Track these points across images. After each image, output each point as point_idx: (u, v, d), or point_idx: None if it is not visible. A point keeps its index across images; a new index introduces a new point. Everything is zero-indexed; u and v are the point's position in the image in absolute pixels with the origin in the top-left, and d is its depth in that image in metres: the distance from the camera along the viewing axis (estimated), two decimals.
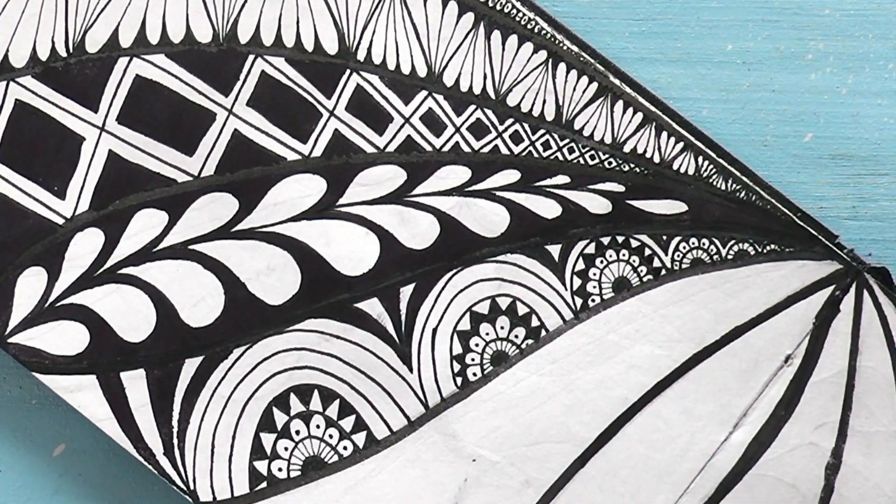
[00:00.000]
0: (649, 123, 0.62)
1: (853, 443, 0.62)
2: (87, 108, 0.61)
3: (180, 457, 0.61)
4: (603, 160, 0.62)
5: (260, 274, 0.61)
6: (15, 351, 0.61)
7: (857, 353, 0.62)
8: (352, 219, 0.62)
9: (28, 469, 0.63)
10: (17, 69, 0.61)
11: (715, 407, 0.61)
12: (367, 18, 0.61)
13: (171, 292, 0.61)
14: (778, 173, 0.63)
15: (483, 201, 0.62)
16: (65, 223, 0.61)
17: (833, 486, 0.62)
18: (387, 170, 0.62)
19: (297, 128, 0.61)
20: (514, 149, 0.62)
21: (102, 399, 0.61)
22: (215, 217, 0.61)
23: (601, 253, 0.62)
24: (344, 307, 0.61)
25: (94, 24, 0.61)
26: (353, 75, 0.61)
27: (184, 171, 0.61)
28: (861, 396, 0.62)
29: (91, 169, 0.61)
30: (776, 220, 0.62)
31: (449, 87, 0.62)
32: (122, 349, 0.61)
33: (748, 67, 0.63)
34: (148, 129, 0.61)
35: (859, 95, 0.63)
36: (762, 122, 0.63)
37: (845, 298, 0.62)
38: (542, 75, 0.61)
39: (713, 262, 0.62)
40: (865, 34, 0.63)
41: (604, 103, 0.62)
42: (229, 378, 0.61)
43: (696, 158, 0.62)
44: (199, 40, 0.61)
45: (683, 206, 0.62)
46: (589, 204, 0.62)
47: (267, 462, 0.61)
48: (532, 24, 0.61)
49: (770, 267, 0.62)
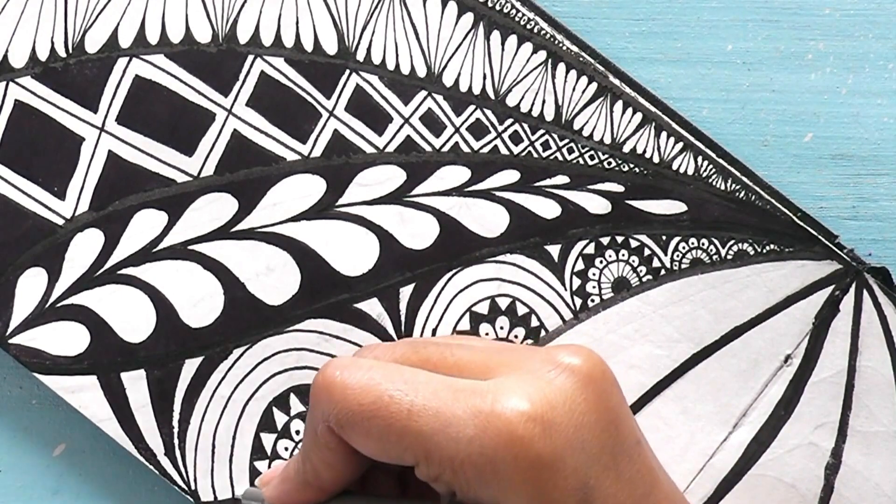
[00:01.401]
0: (649, 123, 0.62)
1: (853, 443, 0.62)
2: (87, 108, 0.61)
3: (181, 457, 0.61)
4: (602, 160, 0.62)
5: (259, 274, 0.61)
6: (16, 351, 0.61)
7: (857, 352, 0.62)
8: (352, 219, 0.62)
9: (28, 469, 0.63)
10: (16, 69, 0.61)
11: (714, 407, 0.61)
12: (366, 18, 0.61)
13: (171, 292, 0.61)
14: (778, 173, 0.63)
15: (483, 201, 0.62)
16: (65, 224, 0.61)
17: (833, 486, 0.62)
18: (386, 170, 0.62)
19: (296, 128, 0.61)
20: (514, 149, 0.62)
21: (103, 399, 0.61)
22: (215, 217, 0.61)
23: (601, 253, 0.62)
24: (344, 307, 0.61)
25: (93, 25, 0.61)
26: (353, 75, 0.61)
27: (183, 171, 0.61)
28: (861, 396, 0.62)
29: (91, 169, 0.61)
30: (776, 220, 0.62)
31: (448, 87, 0.62)
32: (123, 349, 0.61)
33: (748, 67, 0.63)
34: (147, 129, 0.61)
35: (859, 95, 0.63)
36: (762, 122, 0.63)
37: (845, 298, 0.62)
38: (542, 75, 0.61)
39: (713, 262, 0.62)
40: (865, 34, 0.62)
41: (603, 103, 0.62)
42: (229, 378, 0.61)
43: (695, 158, 0.62)
44: (198, 40, 0.61)
45: (683, 207, 0.62)
46: (588, 204, 0.62)
47: (267, 462, 0.61)
48: (532, 24, 0.61)
49: (770, 267, 0.62)
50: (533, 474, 0.49)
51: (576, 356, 0.51)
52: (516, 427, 0.49)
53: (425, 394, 0.51)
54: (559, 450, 0.49)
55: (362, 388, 0.51)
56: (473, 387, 0.51)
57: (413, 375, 0.52)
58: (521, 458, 0.49)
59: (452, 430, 0.50)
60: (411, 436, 0.50)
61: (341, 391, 0.51)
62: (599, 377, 0.51)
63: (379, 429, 0.51)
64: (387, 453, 0.51)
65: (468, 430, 0.49)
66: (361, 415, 0.51)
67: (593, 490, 0.50)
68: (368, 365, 0.52)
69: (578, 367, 0.51)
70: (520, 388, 0.50)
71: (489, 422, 0.49)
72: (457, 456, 0.50)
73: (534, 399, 0.50)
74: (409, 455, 0.51)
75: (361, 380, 0.51)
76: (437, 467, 0.50)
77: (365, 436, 0.51)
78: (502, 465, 0.49)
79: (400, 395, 0.51)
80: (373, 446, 0.51)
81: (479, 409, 0.50)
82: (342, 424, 0.52)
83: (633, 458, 0.51)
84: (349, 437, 0.52)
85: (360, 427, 0.51)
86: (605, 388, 0.51)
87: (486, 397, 0.50)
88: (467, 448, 0.49)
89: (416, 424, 0.50)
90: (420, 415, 0.50)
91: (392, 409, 0.51)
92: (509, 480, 0.49)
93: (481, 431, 0.49)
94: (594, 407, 0.50)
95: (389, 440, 0.51)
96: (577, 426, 0.50)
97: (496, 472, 0.49)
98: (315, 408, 0.53)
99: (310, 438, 0.53)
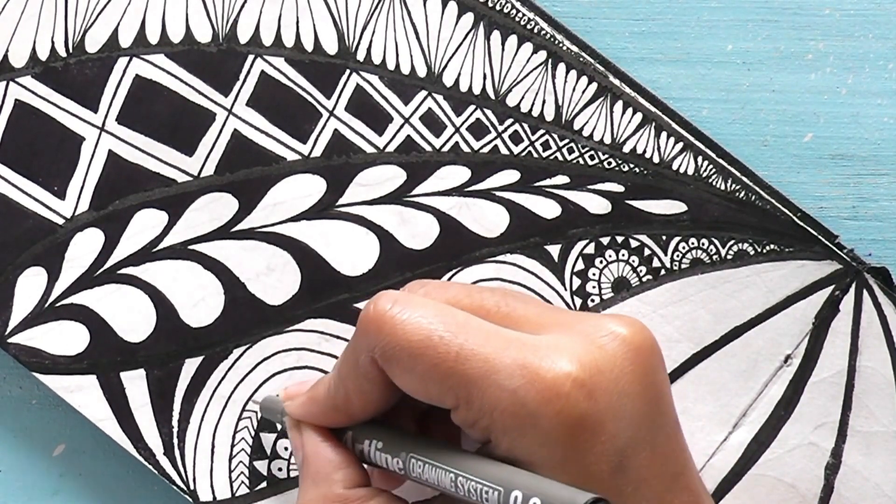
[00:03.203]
0: (649, 123, 0.62)
1: (853, 443, 0.62)
2: (87, 108, 0.61)
3: (180, 457, 0.61)
4: (602, 160, 0.62)
5: (260, 274, 0.61)
6: (15, 351, 0.61)
7: (857, 353, 0.62)
8: (352, 219, 0.62)
9: (28, 469, 0.63)
10: (16, 69, 0.61)
11: (714, 407, 0.61)
12: (366, 18, 0.61)
13: (171, 292, 0.61)
14: (778, 173, 0.63)
15: (483, 201, 0.62)
16: (65, 223, 0.61)
17: (833, 486, 0.62)
18: (386, 170, 0.62)
19: (296, 128, 0.61)
20: (514, 149, 0.62)
21: (102, 399, 0.61)
22: (215, 217, 0.61)
23: (601, 253, 0.62)
24: (344, 307, 0.61)
25: (93, 24, 0.61)
26: (353, 75, 0.61)
27: (184, 171, 0.61)
28: (861, 396, 0.62)
29: (91, 169, 0.61)
30: (776, 220, 0.62)
31: (448, 87, 0.62)
32: (122, 349, 0.61)
33: (748, 67, 0.63)
34: (148, 129, 0.61)
35: (859, 95, 0.63)
36: (762, 122, 0.63)
37: (845, 298, 0.62)
38: (542, 75, 0.61)
39: (712, 262, 0.62)
40: (865, 34, 0.63)
41: (603, 103, 0.62)
42: (229, 378, 0.61)
43: (695, 158, 0.62)
44: (198, 40, 0.61)
45: (683, 207, 0.62)
46: (588, 204, 0.62)
47: (267, 462, 0.61)
48: (532, 25, 0.61)
49: (769, 267, 0.62)
50: (572, 434, 0.49)
51: (629, 326, 0.52)
52: (562, 385, 0.49)
53: (476, 339, 0.51)
54: (601, 414, 0.49)
55: (413, 325, 0.51)
56: (524, 340, 0.51)
57: (465, 319, 0.52)
58: (562, 416, 0.49)
59: (499, 378, 0.50)
60: (456, 378, 0.50)
61: (391, 325, 0.51)
62: (648, 350, 0.51)
63: (425, 367, 0.51)
64: (427, 393, 0.51)
65: (514, 381, 0.50)
66: (409, 351, 0.51)
67: (629, 459, 0.50)
68: (422, 303, 0.52)
69: (630, 337, 0.51)
70: (570, 349, 0.50)
71: (537, 375, 0.49)
72: (499, 404, 0.50)
73: (583, 361, 0.50)
74: (451, 397, 0.51)
75: (413, 316, 0.51)
76: (477, 412, 0.50)
77: (409, 372, 0.51)
78: (543, 419, 0.49)
79: (450, 336, 0.51)
80: (415, 384, 0.51)
81: (528, 362, 0.50)
82: (387, 358, 0.52)
83: (669, 436, 0.51)
84: (392, 371, 0.52)
85: (406, 363, 0.51)
86: (653, 362, 0.51)
87: (537, 352, 0.50)
88: (511, 398, 0.49)
89: (463, 368, 0.50)
90: (468, 359, 0.50)
91: (440, 349, 0.51)
92: (547, 436, 0.49)
93: (527, 383, 0.49)
94: (640, 379, 0.51)
95: (433, 380, 0.51)
96: (621, 394, 0.50)
97: (535, 426, 0.49)
98: (361, 337, 0.52)
99: (348, 365, 0.54)
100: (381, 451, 0.54)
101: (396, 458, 0.53)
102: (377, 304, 0.52)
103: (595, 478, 0.50)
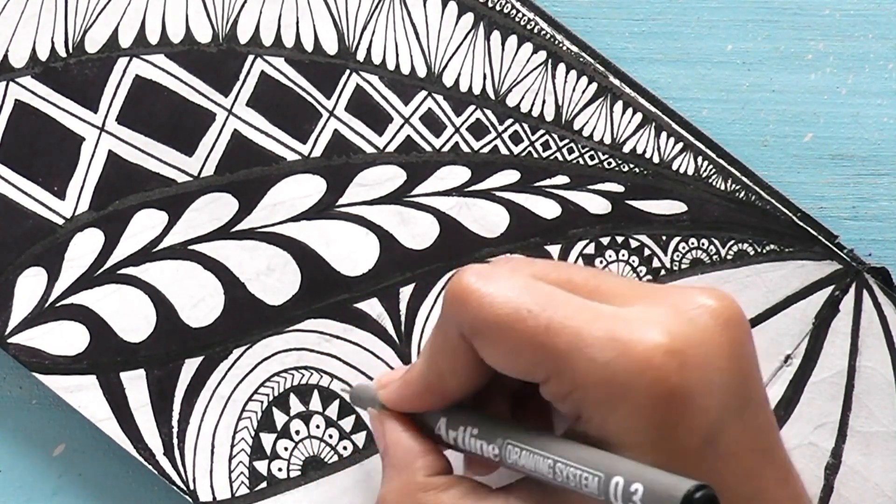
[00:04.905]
0: (649, 124, 0.62)
1: (853, 443, 0.62)
2: (87, 108, 0.61)
3: (180, 457, 0.61)
4: (602, 160, 0.62)
5: (260, 274, 0.61)
6: (15, 351, 0.61)
7: (857, 353, 0.62)
8: (352, 219, 0.62)
9: (28, 469, 0.63)
10: (16, 69, 0.61)
11: None
12: (366, 18, 0.61)
13: (171, 292, 0.61)
14: (778, 173, 0.63)
15: (483, 201, 0.62)
16: (65, 223, 0.61)
17: (832, 486, 0.62)
18: (386, 170, 0.62)
19: (296, 128, 0.61)
20: (514, 149, 0.62)
21: (102, 399, 0.61)
22: (215, 217, 0.61)
23: (601, 253, 0.62)
24: (344, 307, 0.61)
25: (93, 25, 0.61)
26: (353, 75, 0.61)
27: (183, 171, 0.61)
28: (861, 397, 0.62)
29: (91, 169, 0.61)
30: (776, 220, 0.62)
31: (448, 87, 0.62)
32: (122, 349, 0.61)
33: (748, 67, 0.63)
34: (147, 129, 0.61)
35: (859, 95, 0.63)
36: (762, 122, 0.63)
37: (845, 298, 0.62)
38: (542, 76, 0.61)
39: (712, 262, 0.62)
40: (865, 34, 0.63)
41: (603, 104, 0.62)
42: (229, 378, 0.61)
43: (695, 159, 0.62)
44: (198, 40, 0.61)
45: (683, 207, 0.62)
46: (588, 204, 0.62)
47: (267, 462, 0.61)
48: (532, 25, 0.61)
49: (769, 267, 0.62)
50: (663, 406, 0.49)
51: (718, 299, 0.51)
52: (654, 357, 0.49)
53: (565, 312, 0.50)
54: (692, 387, 0.49)
55: (501, 299, 0.50)
56: (615, 312, 0.50)
57: (553, 292, 0.51)
58: (654, 388, 0.48)
59: (589, 350, 0.49)
60: (546, 351, 0.50)
61: (478, 300, 0.51)
62: (737, 322, 0.51)
63: (514, 341, 0.50)
64: (517, 367, 0.51)
65: (606, 353, 0.49)
66: (498, 325, 0.50)
67: (720, 433, 0.49)
68: (508, 275, 0.52)
69: (721, 310, 0.51)
70: (661, 321, 0.50)
71: (628, 348, 0.49)
72: (589, 377, 0.49)
73: (674, 334, 0.49)
74: (541, 371, 0.50)
75: (500, 290, 0.51)
76: (568, 385, 0.49)
77: (498, 347, 0.51)
78: (634, 392, 0.49)
79: (538, 309, 0.50)
80: (504, 359, 0.51)
81: (619, 334, 0.49)
82: (476, 333, 0.51)
83: (758, 411, 0.51)
84: (481, 346, 0.51)
85: (495, 338, 0.51)
86: (743, 337, 0.51)
87: (627, 324, 0.50)
88: (602, 370, 0.49)
89: (553, 341, 0.49)
90: (558, 332, 0.50)
91: (529, 322, 0.50)
92: (639, 408, 0.49)
93: (619, 356, 0.49)
94: (730, 353, 0.50)
95: (523, 354, 0.50)
96: (712, 368, 0.49)
97: (626, 399, 0.49)
98: (448, 314, 0.52)
99: (438, 344, 0.53)
100: (477, 438, 0.53)
101: (492, 445, 0.52)
102: (462, 279, 0.51)
103: (686, 451, 0.49)
